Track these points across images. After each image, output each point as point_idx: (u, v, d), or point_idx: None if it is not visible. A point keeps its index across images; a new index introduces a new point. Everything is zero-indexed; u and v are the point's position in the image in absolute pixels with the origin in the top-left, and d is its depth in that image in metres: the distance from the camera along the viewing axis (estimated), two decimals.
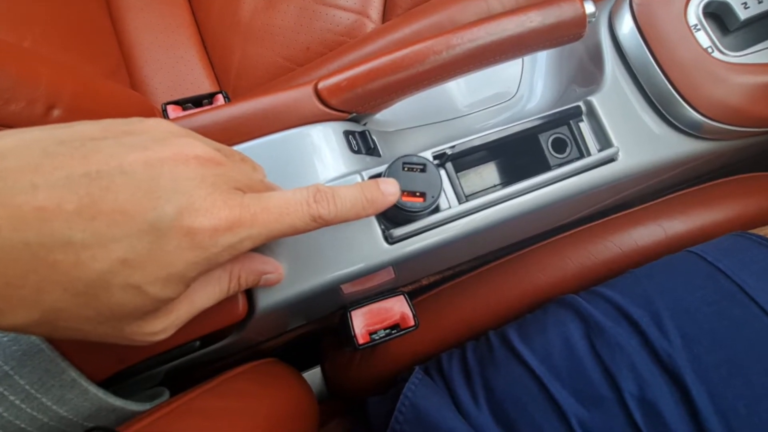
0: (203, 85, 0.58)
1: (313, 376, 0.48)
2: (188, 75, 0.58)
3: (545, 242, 0.39)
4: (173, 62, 0.59)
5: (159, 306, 0.18)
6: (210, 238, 0.17)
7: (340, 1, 0.51)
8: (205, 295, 0.21)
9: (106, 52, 0.53)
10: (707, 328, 0.27)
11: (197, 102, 0.38)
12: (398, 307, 0.34)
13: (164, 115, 0.36)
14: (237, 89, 0.57)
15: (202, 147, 0.18)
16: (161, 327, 0.19)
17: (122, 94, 0.41)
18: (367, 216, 0.24)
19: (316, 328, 0.44)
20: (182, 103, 0.37)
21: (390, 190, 0.24)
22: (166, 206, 0.16)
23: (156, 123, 0.19)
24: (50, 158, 0.15)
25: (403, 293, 0.34)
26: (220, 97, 0.38)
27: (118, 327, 0.18)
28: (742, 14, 0.31)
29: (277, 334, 0.38)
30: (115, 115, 0.38)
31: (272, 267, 0.24)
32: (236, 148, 0.28)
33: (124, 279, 0.16)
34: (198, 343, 0.27)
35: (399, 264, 0.29)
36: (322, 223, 0.21)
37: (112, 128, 0.18)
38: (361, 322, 0.33)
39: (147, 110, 0.42)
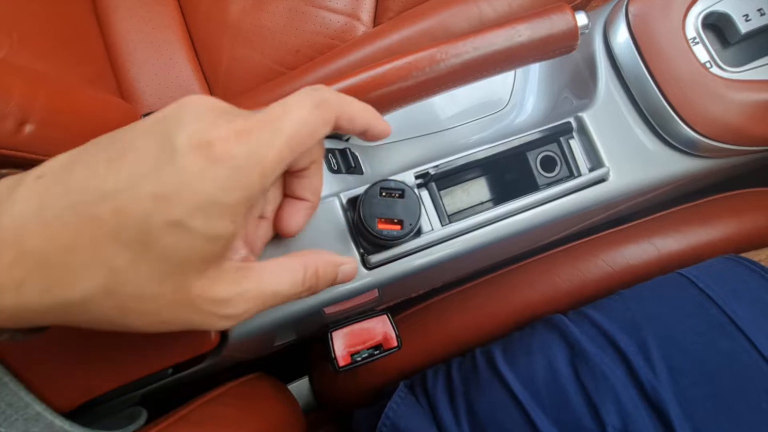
0: (192, 87, 0.57)
1: (301, 386, 0.48)
2: (177, 77, 0.57)
3: (534, 258, 0.38)
4: (162, 63, 0.57)
5: (213, 250, 0.17)
6: (227, 147, 0.16)
7: (331, 3, 0.50)
8: (276, 279, 0.19)
9: (91, 53, 0.52)
10: (695, 360, 0.26)
11: None
12: (381, 328, 0.33)
13: None
14: (226, 93, 0.56)
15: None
16: (227, 294, 0.18)
17: (104, 103, 0.40)
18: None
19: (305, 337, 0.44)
20: None
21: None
22: (179, 131, 0.16)
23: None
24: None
25: (386, 313, 0.33)
26: None
27: (182, 288, 0.17)
28: (744, 27, 0.30)
29: (262, 353, 0.38)
30: (93, 127, 0.37)
31: (347, 258, 0.23)
32: None
33: (163, 216, 0.15)
34: (170, 370, 0.27)
35: (380, 287, 0.29)
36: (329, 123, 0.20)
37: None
38: (342, 343, 0.32)
39: (129, 120, 0.41)
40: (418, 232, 0.28)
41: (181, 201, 0.15)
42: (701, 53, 0.30)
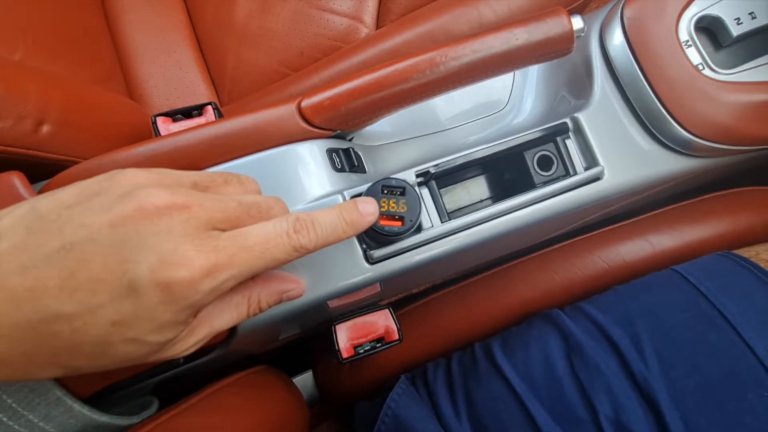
0: (199, 88, 0.58)
1: (305, 380, 0.49)
2: (184, 78, 0.58)
3: (532, 255, 0.39)
4: (169, 65, 0.59)
5: (167, 344, 0.19)
6: (188, 288, 0.17)
7: (334, 6, 0.51)
8: (224, 319, 0.21)
9: (100, 55, 0.53)
10: (685, 353, 0.27)
11: (187, 113, 0.38)
12: (383, 321, 0.34)
13: (154, 127, 0.36)
14: (232, 93, 0.57)
15: (164, 195, 0.18)
16: (182, 349, 0.20)
17: (114, 103, 0.41)
18: (348, 238, 0.24)
19: (309, 332, 0.45)
20: (172, 115, 0.37)
21: (369, 210, 0.24)
22: (137, 267, 0.16)
23: (123, 176, 0.19)
24: (32, 236, 0.17)
25: (388, 307, 0.34)
26: (209, 108, 0.38)
27: (140, 360, 0.19)
28: (735, 30, 0.31)
29: (268, 346, 0.39)
30: (104, 126, 0.38)
31: (292, 283, 0.24)
32: (220, 168, 0.29)
33: (120, 336, 0.17)
34: (182, 360, 0.28)
35: (382, 281, 0.30)
36: (304, 253, 0.21)
37: (85, 191, 0.18)
38: (345, 335, 0.33)
39: (138, 120, 0.42)
40: (419, 229, 0.29)
41: (138, 326, 0.17)
42: (694, 56, 0.31)
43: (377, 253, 0.27)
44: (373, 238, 0.28)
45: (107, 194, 0.18)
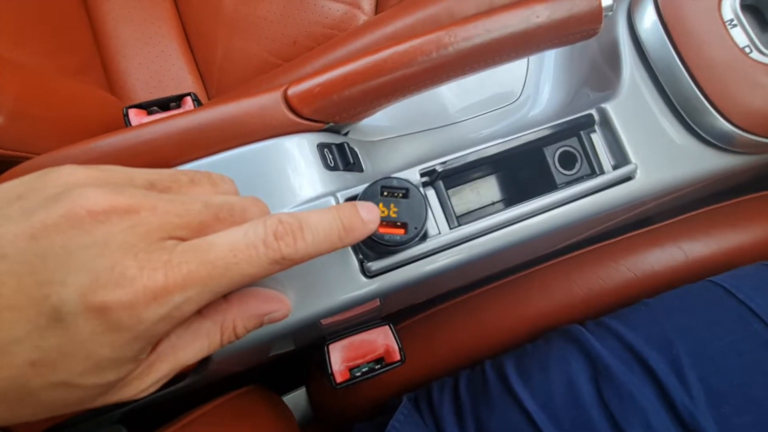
0: (185, 81, 0.54)
1: (298, 397, 0.45)
2: (169, 70, 0.54)
3: (549, 263, 0.35)
4: (153, 56, 0.55)
5: (113, 385, 0.15)
6: (130, 315, 0.13)
7: None
8: (191, 351, 0.17)
9: (77, 45, 0.49)
10: (737, 383, 0.23)
11: (164, 105, 0.34)
12: (382, 340, 0.30)
13: (126, 120, 0.32)
14: (220, 86, 0.53)
15: (103, 196, 0.14)
16: (138, 390, 0.16)
17: (86, 96, 0.37)
18: (344, 247, 0.20)
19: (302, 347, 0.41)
20: (146, 107, 0.33)
21: (371, 217, 0.20)
22: (62, 290, 0.13)
23: (56, 174, 0.15)
24: None
25: (388, 324, 0.31)
26: (188, 100, 0.34)
27: (76, 407, 0.15)
28: None
29: (256, 364, 0.35)
30: (69, 120, 0.34)
31: (276, 303, 0.20)
32: (192, 165, 0.25)
33: (44, 380, 0.14)
34: None
35: (381, 296, 0.26)
36: (287, 265, 0.17)
37: (6, 194, 0.14)
38: (339, 356, 0.29)
39: (114, 114, 0.38)
40: (424, 236, 0.25)
41: (67, 366, 0.14)
42: (740, 37, 0.27)
43: (375, 265, 0.24)
44: (371, 247, 0.24)
45: (32, 197, 0.14)
